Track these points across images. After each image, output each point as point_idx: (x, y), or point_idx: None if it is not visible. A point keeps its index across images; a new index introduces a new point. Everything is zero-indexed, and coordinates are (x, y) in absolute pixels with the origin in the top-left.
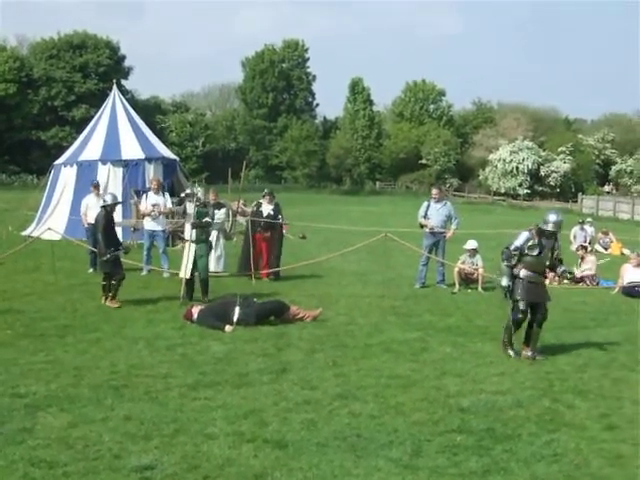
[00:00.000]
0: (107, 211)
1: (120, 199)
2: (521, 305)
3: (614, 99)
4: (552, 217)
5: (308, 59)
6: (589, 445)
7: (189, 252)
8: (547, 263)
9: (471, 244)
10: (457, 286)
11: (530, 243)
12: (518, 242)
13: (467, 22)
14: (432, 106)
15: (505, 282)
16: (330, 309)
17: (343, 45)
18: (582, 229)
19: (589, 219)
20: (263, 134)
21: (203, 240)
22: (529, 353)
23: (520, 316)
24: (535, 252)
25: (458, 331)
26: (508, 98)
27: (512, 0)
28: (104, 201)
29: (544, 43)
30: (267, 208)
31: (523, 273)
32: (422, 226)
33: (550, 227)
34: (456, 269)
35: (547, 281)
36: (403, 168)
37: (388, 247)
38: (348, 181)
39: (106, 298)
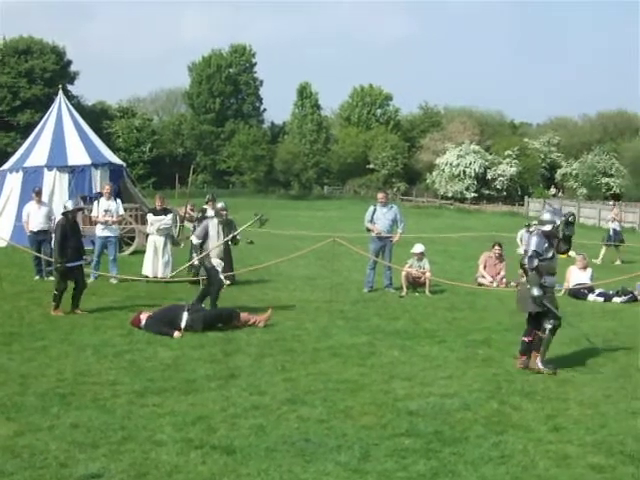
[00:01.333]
0: (67, 218)
1: (79, 205)
2: (557, 312)
3: (559, 103)
4: (548, 216)
5: (255, 64)
6: (536, 446)
7: (219, 264)
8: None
9: (418, 248)
10: (405, 290)
11: (546, 246)
12: (534, 246)
13: (413, 27)
14: (379, 110)
15: (537, 292)
16: (278, 314)
17: (290, 50)
18: (529, 232)
19: (535, 222)
20: (210, 139)
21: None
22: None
23: (557, 323)
24: (550, 254)
25: (406, 335)
26: (455, 102)
27: (457, 5)
28: (64, 207)
29: (489, 47)
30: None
31: (548, 280)
32: (369, 230)
33: (558, 222)
34: (403, 273)
35: (494, 284)
36: (351, 172)
37: (336, 252)
38: (296, 186)
39: (56, 307)
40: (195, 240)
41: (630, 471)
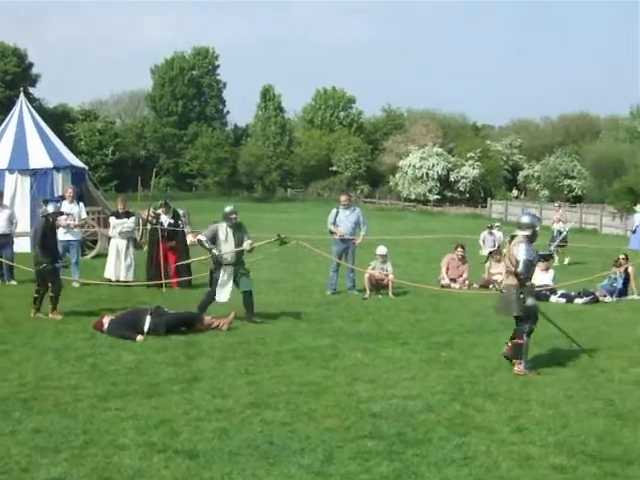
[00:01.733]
0: (48, 221)
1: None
2: (535, 316)
3: (521, 105)
4: (527, 219)
5: (218, 66)
6: (499, 447)
7: (225, 275)
8: None
9: (381, 250)
10: (368, 292)
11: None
12: (527, 255)
13: (375, 29)
14: (342, 113)
15: (532, 302)
16: (242, 317)
17: (253, 52)
18: (491, 234)
19: (497, 224)
20: (173, 142)
21: (242, 261)
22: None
23: (534, 327)
24: (536, 259)
25: (369, 337)
26: (417, 105)
27: (418, 8)
28: (45, 210)
29: (451, 50)
30: (166, 218)
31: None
32: (332, 233)
33: (538, 226)
34: (366, 275)
35: (457, 286)
36: (314, 175)
37: (299, 254)
38: (259, 188)
39: (36, 311)
40: (202, 237)
41: (592, 471)
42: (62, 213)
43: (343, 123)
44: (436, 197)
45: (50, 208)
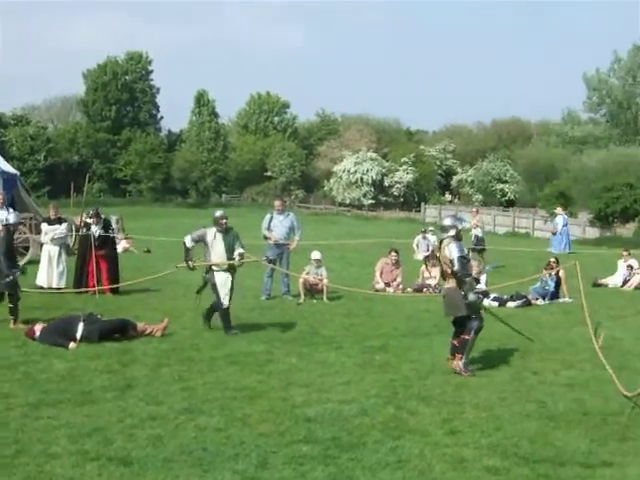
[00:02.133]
0: (9, 230)
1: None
2: (482, 314)
3: (454, 110)
4: (449, 220)
5: (152, 71)
6: (432, 450)
7: (225, 281)
8: None
9: (316, 255)
10: (302, 297)
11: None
12: (459, 252)
13: (309, 34)
14: (277, 118)
15: (474, 297)
16: (176, 323)
17: (187, 57)
18: (425, 238)
19: (431, 228)
20: (107, 147)
21: (235, 268)
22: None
23: (482, 324)
24: (469, 255)
25: (304, 341)
26: (351, 110)
27: (348, 15)
28: (6, 220)
29: (383, 55)
30: (96, 229)
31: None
32: (266, 238)
33: (460, 226)
34: (301, 280)
35: (391, 290)
36: (249, 180)
37: None
38: (194, 194)
39: (15, 322)
40: (188, 242)
41: (524, 472)
42: (23, 223)
43: (277, 128)
44: (370, 202)
45: (11, 218)
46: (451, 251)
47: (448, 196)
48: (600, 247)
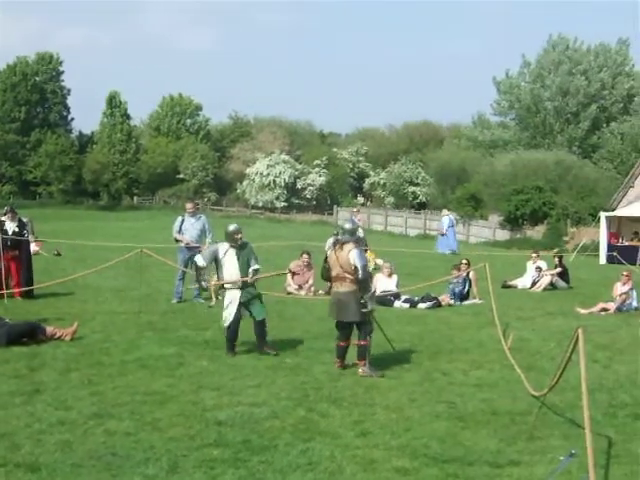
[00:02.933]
0: None
1: None
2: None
3: (366, 113)
4: (350, 224)
5: (63, 72)
6: (343, 452)
7: (229, 299)
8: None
9: None
10: (214, 299)
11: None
12: (364, 260)
13: (220, 37)
14: (189, 120)
15: (372, 305)
16: (86, 327)
17: (98, 58)
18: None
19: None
20: (16, 149)
21: (252, 284)
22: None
23: (373, 328)
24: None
25: (215, 344)
26: (264, 112)
27: (262, 16)
28: None
29: (296, 57)
30: (11, 225)
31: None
32: (177, 241)
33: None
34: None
35: (303, 292)
36: (161, 183)
37: (145, 262)
38: (105, 196)
39: None
40: (200, 261)
41: (434, 473)
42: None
43: (190, 130)
44: (283, 204)
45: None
46: (355, 258)
47: (360, 199)
48: (510, 249)
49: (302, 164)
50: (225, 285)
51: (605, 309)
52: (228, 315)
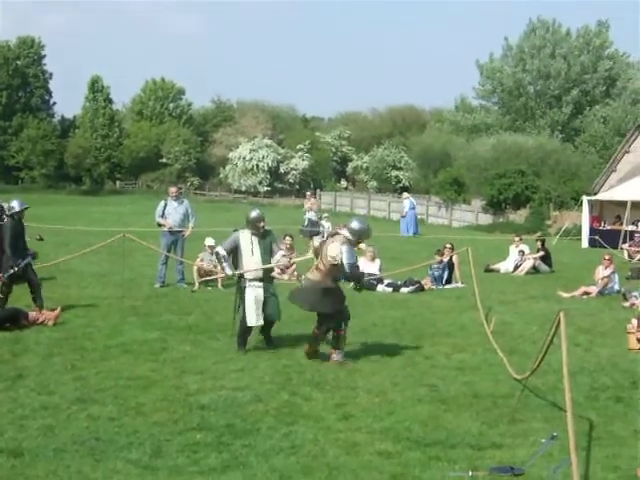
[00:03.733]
0: (14, 219)
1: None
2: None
3: (349, 97)
4: (359, 226)
5: (44, 56)
6: (326, 435)
7: (253, 293)
8: None
9: (209, 241)
10: (197, 284)
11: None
12: (353, 259)
13: (203, 21)
14: (172, 104)
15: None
16: (69, 312)
17: (80, 42)
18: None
19: (326, 214)
20: None
21: (270, 277)
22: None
23: (349, 314)
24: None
25: (198, 329)
26: (247, 96)
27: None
28: (10, 208)
29: (279, 42)
30: None
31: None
32: (160, 225)
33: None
34: (195, 267)
35: (285, 277)
36: (144, 167)
37: (127, 247)
38: (88, 181)
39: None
40: (222, 251)
41: (416, 456)
42: (28, 208)
43: (173, 115)
44: (266, 189)
45: (16, 205)
46: (344, 253)
47: (344, 183)
48: (493, 233)
49: (285, 148)
50: (246, 275)
51: (587, 293)
52: (254, 315)
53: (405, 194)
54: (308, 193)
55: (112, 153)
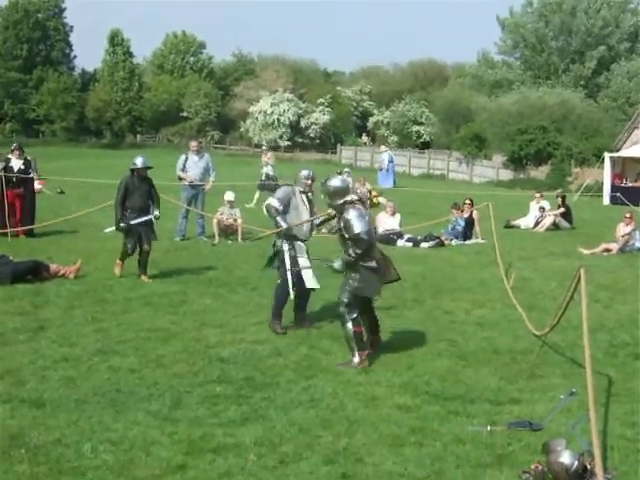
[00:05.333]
0: (133, 175)
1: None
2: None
3: (370, 52)
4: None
5: (65, 9)
6: (345, 389)
7: (304, 254)
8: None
9: (229, 196)
10: (217, 238)
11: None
12: (366, 226)
13: None
14: (192, 58)
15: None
16: (89, 264)
17: None
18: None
19: (347, 169)
20: (18, 87)
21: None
22: None
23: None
24: None
25: (218, 282)
26: (268, 50)
27: None
28: (133, 164)
29: None
30: (17, 163)
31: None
32: (181, 179)
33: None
34: (215, 220)
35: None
36: (164, 121)
37: None
38: (108, 134)
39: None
40: (275, 203)
41: (435, 410)
42: (150, 167)
43: (193, 68)
44: (287, 143)
45: (139, 162)
46: (360, 224)
47: (364, 138)
48: (513, 189)
49: (306, 103)
50: (296, 233)
51: (608, 250)
52: (312, 277)
53: (383, 147)
54: (264, 147)
55: (133, 107)
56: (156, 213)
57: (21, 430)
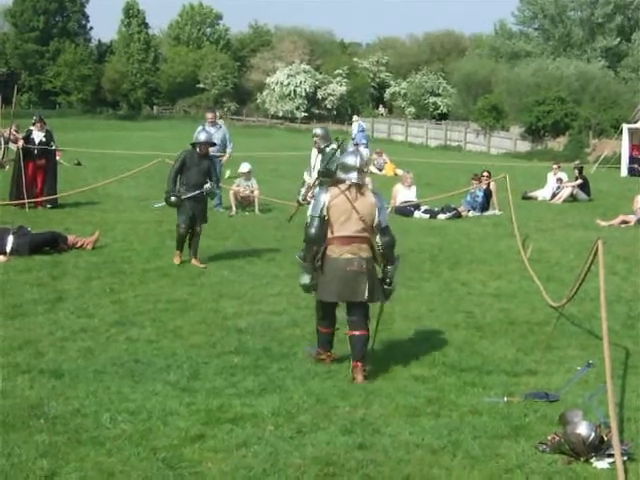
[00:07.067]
0: (194, 149)
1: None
2: None
3: (387, 23)
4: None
5: None
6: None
7: None
8: None
9: (245, 167)
10: (234, 209)
11: None
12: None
13: None
14: (209, 30)
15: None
16: (107, 236)
17: None
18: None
19: (364, 141)
20: (35, 58)
21: None
22: None
23: None
24: None
25: (235, 254)
26: (285, 21)
27: None
28: (196, 139)
29: None
30: (39, 135)
31: None
32: None
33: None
34: (232, 192)
35: None
36: (181, 92)
37: (165, 172)
38: (125, 106)
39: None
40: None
41: (452, 381)
42: (213, 144)
43: (210, 40)
44: (303, 114)
45: (202, 137)
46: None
47: (381, 109)
48: (531, 160)
49: (322, 74)
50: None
51: (625, 221)
52: None
53: (355, 117)
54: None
55: (149, 78)
56: (207, 186)
57: (40, 400)
